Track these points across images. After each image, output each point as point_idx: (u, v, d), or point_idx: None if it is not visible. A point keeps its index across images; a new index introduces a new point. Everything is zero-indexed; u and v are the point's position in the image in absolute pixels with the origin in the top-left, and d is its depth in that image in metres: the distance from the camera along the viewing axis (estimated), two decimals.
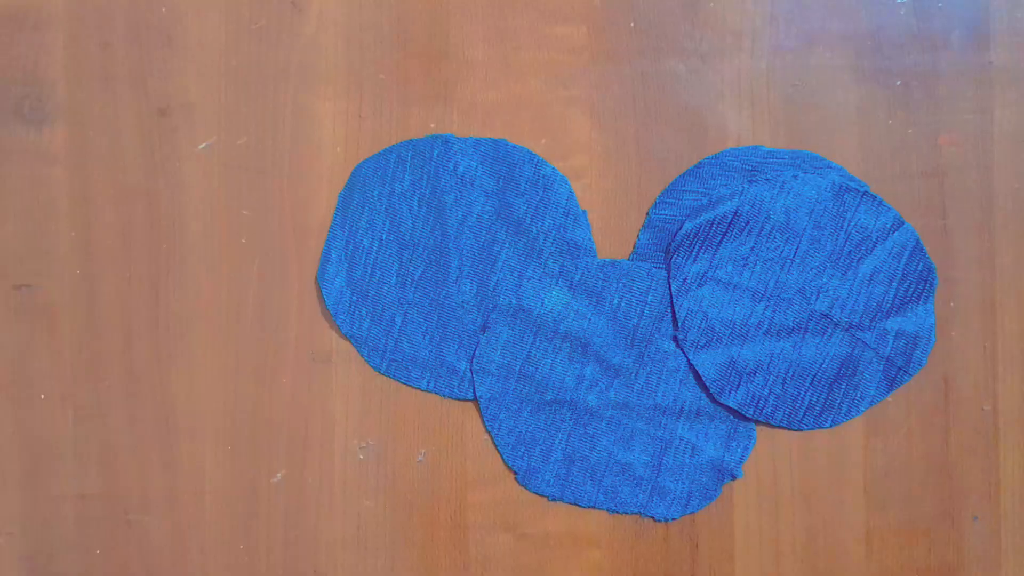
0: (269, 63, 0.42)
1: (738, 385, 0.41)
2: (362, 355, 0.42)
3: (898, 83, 0.41)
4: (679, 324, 0.41)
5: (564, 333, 0.41)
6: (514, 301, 0.41)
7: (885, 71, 0.41)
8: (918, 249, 0.40)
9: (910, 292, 0.40)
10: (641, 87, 0.42)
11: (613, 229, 0.42)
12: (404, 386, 0.42)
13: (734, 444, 0.41)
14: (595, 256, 0.41)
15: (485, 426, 0.41)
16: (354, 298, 0.42)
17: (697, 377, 0.41)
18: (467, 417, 0.42)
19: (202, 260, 0.42)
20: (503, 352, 0.41)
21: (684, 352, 0.41)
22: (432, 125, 0.42)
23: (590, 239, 0.41)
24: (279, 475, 0.42)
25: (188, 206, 0.42)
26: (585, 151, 0.42)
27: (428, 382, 0.42)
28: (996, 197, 0.41)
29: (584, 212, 0.41)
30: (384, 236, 0.42)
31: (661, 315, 0.41)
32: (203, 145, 0.42)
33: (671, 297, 0.41)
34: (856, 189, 0.40)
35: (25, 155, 0.43)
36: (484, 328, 0.41)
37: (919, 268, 0.40)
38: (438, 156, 0.41)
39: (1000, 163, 0.41)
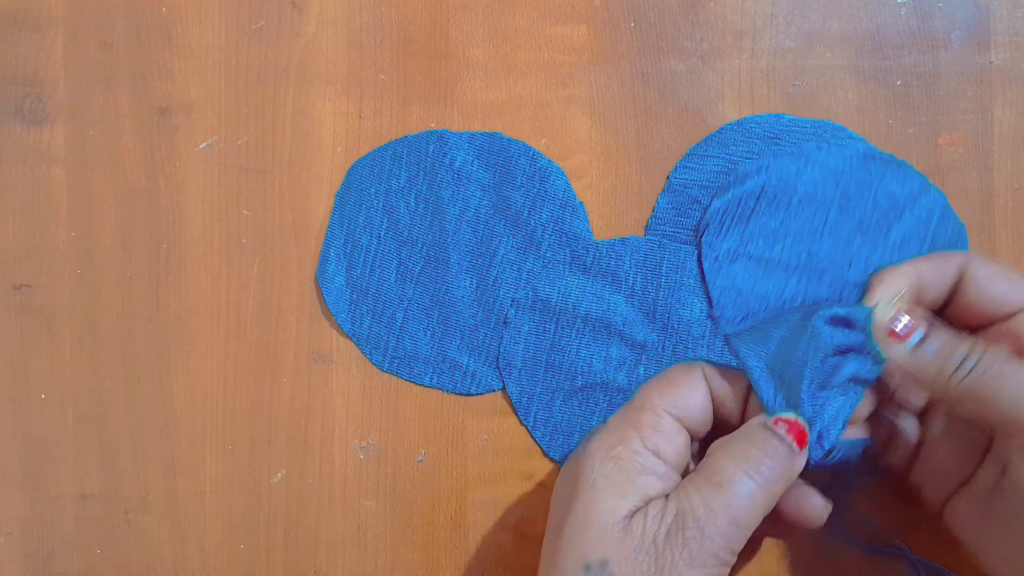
0: (269, 63, 0.42)
1: None
2: (364, 353, 0.42)
3: (898, 83, 0.41)
4: (714, 303, 0.40)
5: (584, 317, 0.41)
6: (531, 293, 0.41)
7: (885, 71, 0.41)
8: (947, 212, 0.40)
9: None
10: (641, 87, 0.42)
11: (613, 229, 0.42)
12: (404, 386, 0.42)
13: None
14: None
15: (520, 420, 0.41)
16: (354, 296, 0.42)
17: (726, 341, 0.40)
18: (467, 417, 0.42)
19: (202, 260, 0.42)
20: (527, 345, 0.41)
21: (715, 324, 0.40)
22: (432, 124, 0.42)
23: (588, 230, 0.41)
24: (279, 475, 0.42)
25: (188, 206, 0.42)
26: (585, 151, 0.42)
27: (431, 378, 0.42)
28: (996, 197, 0.41)
29: (582, 203, 0.41)
30: (382, 233, 0.42)
31: (677, 284, 0.40)
32: (203, 145, 0.42)
33: (683, 266, 0.40)
34: (881, 158, 0.40)
35: (25, 155, 0.43)
36: (505, 321, 0.41)
37: (949, 231, 0.40)
38: (434, 152, 0.41)
39: (1000, 163, 0.41)
